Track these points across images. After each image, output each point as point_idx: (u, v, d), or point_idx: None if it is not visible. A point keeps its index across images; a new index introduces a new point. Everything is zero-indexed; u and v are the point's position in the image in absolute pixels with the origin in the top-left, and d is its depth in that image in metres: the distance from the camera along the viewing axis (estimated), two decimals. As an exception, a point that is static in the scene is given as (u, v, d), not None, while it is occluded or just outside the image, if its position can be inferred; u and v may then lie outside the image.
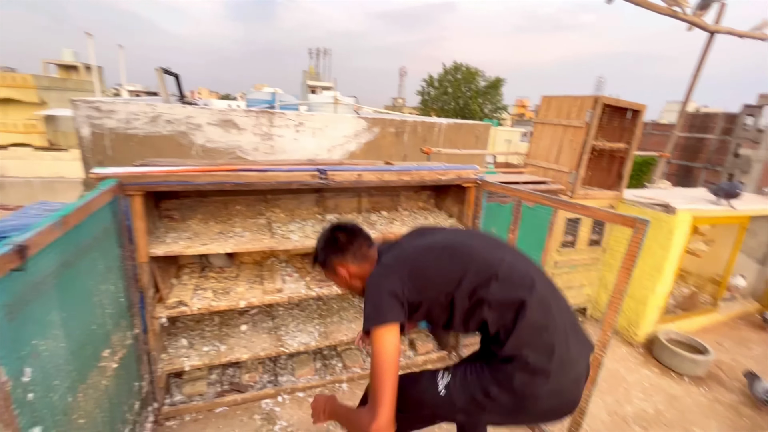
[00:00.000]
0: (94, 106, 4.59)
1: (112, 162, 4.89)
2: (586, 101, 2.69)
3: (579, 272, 3.11)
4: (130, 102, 4.99)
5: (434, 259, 1.22)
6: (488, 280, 1.14)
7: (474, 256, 1.20)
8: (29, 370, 0.96)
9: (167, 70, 8.74)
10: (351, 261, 1.32)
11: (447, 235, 1.35)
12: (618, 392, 2.48)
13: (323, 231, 1.40)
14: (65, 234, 1.11)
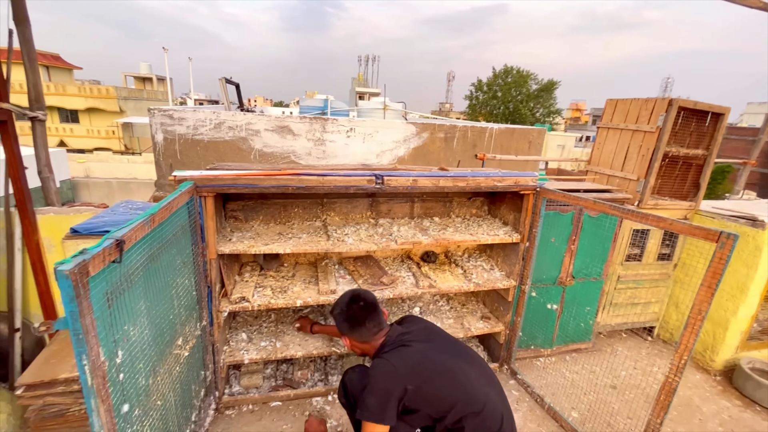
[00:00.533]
0: (167, 114, 5.02)
1: (180, 165, 5.31)
2: (658, 104, 2.50)
3: (645, 288, 2.88)
4: (197, 110, 5.40)
5: (438, 382, 1.37)
6: (474, 414, 1.34)
7: (468, 388, 1.38)
8: (121, 353, 1.06)
9: (229, 79, 9.36)
10: (356, 337, 1.55)
11: (451, 354, 1.47)
12: (691, 423, 2.25)
13: (344, 296, 1.60)
14: (152, 230, 1.22)
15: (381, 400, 1.32)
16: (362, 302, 1.55)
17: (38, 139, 2.12)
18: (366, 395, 1.34)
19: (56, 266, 0.84)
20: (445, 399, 1.35)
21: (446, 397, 1.35)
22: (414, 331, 1.53)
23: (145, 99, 26.26)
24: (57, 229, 2.12)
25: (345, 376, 1.66)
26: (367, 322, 1.51)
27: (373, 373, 1.37)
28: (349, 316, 1.53)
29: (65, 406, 1.87)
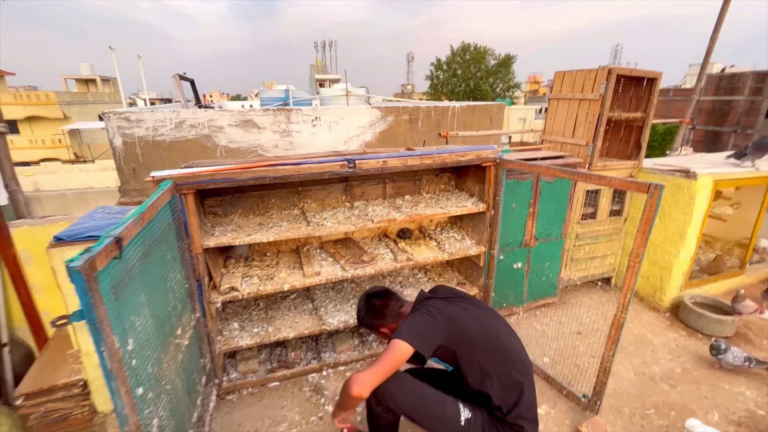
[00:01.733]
0: (123, 117, 4.86)
1: (144, 169, 5.17)
2: (599, 74, 2.73)
3: (601, 243, 3.17)
4: (155, 110, 5.24)
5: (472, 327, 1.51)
6: (503, 362, 1.49)
7: (498, 339, 1.53)
8: (131, 341, 1.15)
9: (183, 75, 8.99)
10: (389, 321, 1.67)
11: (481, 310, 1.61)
12: (645, 354, 2.57)
13: (360, 300, 1.74)
14: (143, 228, 1.30)
15: (417, 329, 1.45)
16: (375, 293, 1.72)
17: (1, 152, 2.08)
18: (405, 324, 1.48)
19: (67, 263, 0.92)
20: (472, 339, 1.48)
21: (472, 338, 1.48)
22: (440, 291, 1.68)
23: (90, 102, 24.60)
24: (33, 241, 2.11)
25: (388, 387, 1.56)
26: (390, 302, 1.68)
27: (413, 318, 1.51)
28: (373, 309, 1.68)
29: (68, 411, 1.92)
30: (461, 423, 1.45)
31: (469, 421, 1.46)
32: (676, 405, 2.15)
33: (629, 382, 2.32)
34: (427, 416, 1.47)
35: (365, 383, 1.38)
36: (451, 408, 1.48)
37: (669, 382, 2.32)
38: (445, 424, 1.45)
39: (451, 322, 1.49)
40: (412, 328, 1.45)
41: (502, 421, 1.46)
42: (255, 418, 2.05)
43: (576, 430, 1.93)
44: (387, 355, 1.40)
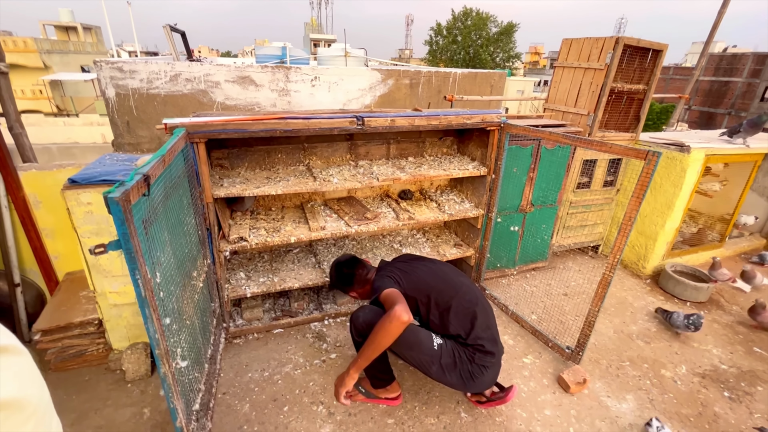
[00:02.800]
0: (117, 67, 4.70)
1: (138, 122, 5.08)
2: (607, 42, 2.74)
3: (593, 212, 3.30)
4: (149, 61, 5.06)
5: (426, 276, 1.82)
6: (454, 296, 1.74)
7: (447, 280, 1.81)
8: (159, 274, 1.22)
9: (174, 27, 8.59)
10: (357, 286, 1.95)
11: (430, 262, 1.92)
12: (625, 315, 2.76)
13: (331, 268, 2.00)
14: (165, 170, 1.34)
15: (381, 284, 1.71)
16: (344, 261, 1.97)
17: (4, 93, 2.04)
18: (373, 289, 1.76)
19: (105, 194, 0.97)
20: (427, 284, 1.77)
21: (427, 283, 1.77)
22: (399, 258, 1.98)
23: (72, 52, 23.32)
24: (42, 185, 2.12)
25: (353, 317, 1.82)
26: (358, 271, 1.94)
27: (375, 279, 1.81)
28: (343, 276, 1.94)
29: (83, 347, 2.02)
30: (434, 347, 1.68)
31: (440, 345, 1.69)
32: (649, 359, 2.35)
33: (608, 339, 2.51)
34: (405, 343, 1.65)
35: (404, 310, 1.55)
36: (426, 335, 1.70)
37: (644, 340, 2.52)
38: (421, 349, 1.67)
39: (409, 276, 1.78)
40: (384, 282, 1.70)
41: (465, 344, 1.70)
42: (261, 360, 2.18)
43: (558, 376, 2.11)
44: (384, 299, 1.64)
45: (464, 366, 1.68)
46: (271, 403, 1.92)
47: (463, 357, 1.69)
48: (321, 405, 1.92)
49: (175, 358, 1.33)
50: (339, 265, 1.97)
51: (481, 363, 1.69)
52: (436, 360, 1.67)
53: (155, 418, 1.82)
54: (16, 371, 0.45)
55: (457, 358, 1.68)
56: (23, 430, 0.43)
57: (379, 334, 1.58)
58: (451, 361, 1.68)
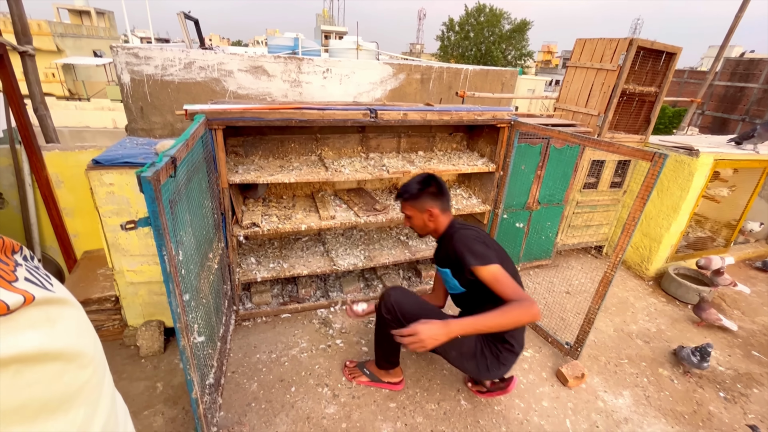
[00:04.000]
0: (132, 53, 4.77)
1: (151, 108, 5.15)
2: (620, 44, 2.75)
3: (599, 212, 3.33)
4: (164, 48, 5.12)
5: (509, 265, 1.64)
6: None
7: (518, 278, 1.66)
8: (181, 252, 1.29)
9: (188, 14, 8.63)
10: (439, 207, 1.70)
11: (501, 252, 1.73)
12: (625, 315, 2.80)
13: (421, 174, 1.73)
14: (188, 153, 1.40)
15: (486, 249, 1.54)
16: (440, 180, 1.72)
17: (30, 76, 2.11)
18: (472, 247, 1.54)
19: (138, 173, 1.03)
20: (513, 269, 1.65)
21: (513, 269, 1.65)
22: (475, 227, 1.73)
23: (85, 36, 23.44)
24: (63, 165, 2.20)
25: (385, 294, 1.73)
26: (445, 195, 1.71)
27: (468, 234, 1.61)
28: (438, 184, 1.69)
29: (100, 322, 2.11)
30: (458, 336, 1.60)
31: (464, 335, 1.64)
32: (647, 357, 2.40)
33: (608, 337, 2.55)
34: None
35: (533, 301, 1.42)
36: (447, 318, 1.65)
37: (644, 339, 2.56)
38: None
39: (499, 254, 1.62)
40: (490, 254, 1.52)
41: (495, 339, 1.67)
42: (269, 342, 2.26)
43: (557, 370, 2.17)
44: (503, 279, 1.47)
45: (484, 359, 1.67)
46: (278, 383, 1.99)
47: (486, 352, 1.67)
48: (326, 387, 1.99)
49: (193, 333, 1.40)
50: (435, 178, 1.71)
51: (503, 361, 1.69)
52: (457, 347, 1.64)
53: (167, 392, 1.90)
54: (74, 323, 0.49)
55: (478, 350, 1.67)
56: (83, 377, 0.46)
57: (506, 317, 1.40)
58: (471, 351, 1.66)
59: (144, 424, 1.74)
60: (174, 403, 1.85)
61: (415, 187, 1.70)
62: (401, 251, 2.68)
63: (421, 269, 2.88)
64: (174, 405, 1.84)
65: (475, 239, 1.59)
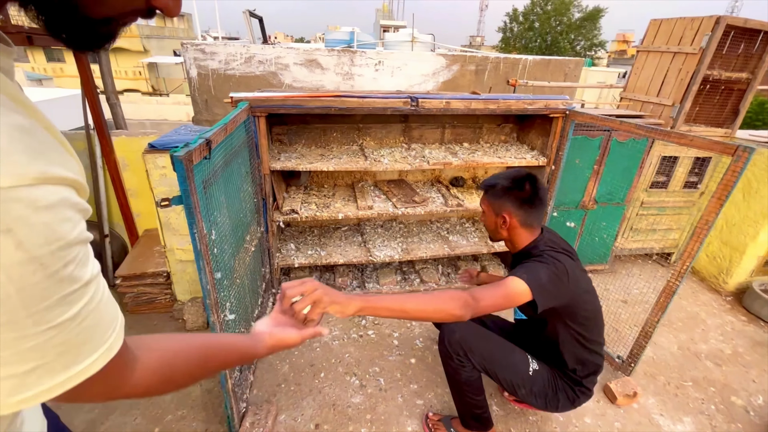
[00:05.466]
0: (199, 49, 5.09)
1: (215, 101, 5.48)
2: (704, 23, 2.40)
3: (668, 215, 2.97)
4: (228, 44, 5.43)
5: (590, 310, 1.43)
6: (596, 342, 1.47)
7: (600, 319, 1.50)
8: (214, 232, 1.34)
9: (252, 12, 9.08)
10: (521, 219, 1.37)
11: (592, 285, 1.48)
12: (694, 332, 2.47)
13: (520, 171, 1.40)
14: (226, 137, 1.45)
15: (547, 283, 1.24)
16: (537, 184, 1.37)
17: (104, 68, 2.34)
18: (537, 270, 1.25)
19: (172, 153, 1.08)
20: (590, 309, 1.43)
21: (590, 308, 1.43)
22: (557, 241, 1.43)
23: (167, 37, 25.77)
24: (128, 149, 2.41)
25: (447, 328, 1.45)
26: (537, 207, 1.37)
27: (544, 263, 1.28)
28: (525, 195, 1.36)
29: (153, 295, 2.29)
30: (529, 373, 1.44)
31: (536, 371, 1.45)
32: (717, 382, 2.10)
33: (670, 354, 2.27)
34: (499, 364, 1.42)
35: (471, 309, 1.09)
36: (521, 357, 1.46)
37: (715, 361, 2.24)
38: (515, 373, 1.43)
39: (576, 295, 1.34)
40: (540, 277, 1.23)
41: (571, 379, 1.47)
42: (304, 327, 2.30)
43: (605, 385, 1.97)
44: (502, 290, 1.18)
45: (556, 401, 1.47)
46: (308, 367, 2.03)
47: (560, 395, 1.47)
48: (354, 376, 1.99)
49: (224, 310, 1.45)
50: (533, 180, 1.37)
51: (577, 404, 1.50)
52: (528, 385, 1.44)
53: (207, 365, 2.02)
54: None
55: (550, 389, 1.46)
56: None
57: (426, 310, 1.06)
58: (542, 390, 1.46)
59: (184, 392, 1.86)
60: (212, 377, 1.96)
61: (502, 183, 1.38)
62: (440, 246, 2.60)
63: (461, 266, 2.77)
64: (212, 378, 1.94)
65: (554, 272, 1.26)
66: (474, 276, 1.93)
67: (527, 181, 1.37)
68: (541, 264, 1.28)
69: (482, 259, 2.92)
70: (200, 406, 1.80)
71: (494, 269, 2.79)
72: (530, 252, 1.38)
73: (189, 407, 1.79)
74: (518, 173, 1.39)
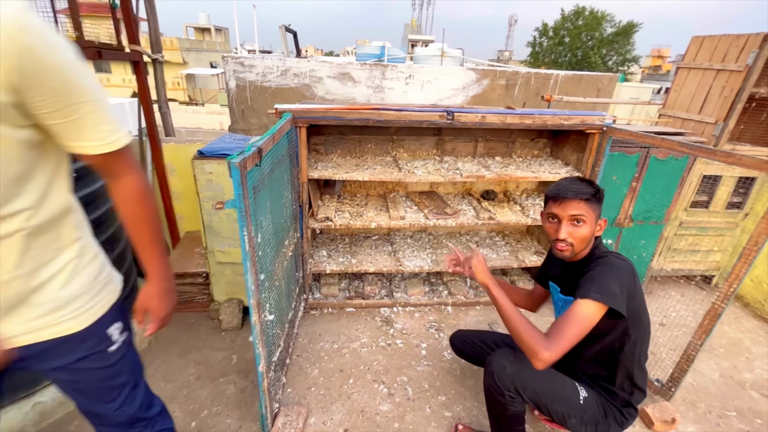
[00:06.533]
0: (239, 61, 5.35)
1: (251, 111, 5.72)
2: (751, 40, 2.35)
3: (709, 236, 2.86)
4: (265, 57, 5.68)
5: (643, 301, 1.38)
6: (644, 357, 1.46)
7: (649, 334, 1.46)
8: (260, 235, 1.41)
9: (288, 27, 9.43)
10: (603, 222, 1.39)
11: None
12: (738, 359, 2.35)
13: (579, 177, 1.42)
14: (273, 146, 1.53)
15: (621, 291, 1.23)
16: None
17: (158, 79, 2.51)
18: (607, 281, 1.23)
19: (229, 159, 1.16)
20: (648, 318, 1.41)
21: (648, 318, 1.41)
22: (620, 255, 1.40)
23: (205, 50, 27.08)
24: (176, 156, 2.56)
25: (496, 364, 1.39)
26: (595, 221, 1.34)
27: (613, 264, 1.28)
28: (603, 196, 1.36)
29: (192, 294, 2.39)
30: (580, 401, 1.40)
31: (586, 399, 1.41)
32: (764, 414, 1.98)
33: (712, 382, 2.17)
34: (550, 397, 1.37)
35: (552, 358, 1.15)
36: (571, 387, 1.43)
37: (761, 392, 2.12)
38: (567, 404, 1.39)
39: (642, 298, 1.33)
40: (611, 289, 1.21)
41: (619, 399, 1.44)
42: (333, 333, 2.35)
43: (641, 409, 1.90)
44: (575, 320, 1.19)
45: (606, 426, 1.42)
46: (338, 372, 2.06)
47: (609, 419, 1.42)
48: (382, 384, 2.00)
49: (264, 311, 1.51)
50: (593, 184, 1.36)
51: (625, 424, 1.45)
52: (579, 414, 1.39)
53: (240, 365, 2.09)
54: None
55: (600, 415, 1.41)
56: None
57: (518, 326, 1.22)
58: (593, 418, 1.40)
59: (219, 389, 1.93)
60: (245, 375, 2.02)
61: (596, 187, 1.34)
62: (470, 258, 2.60)
63: (490, 280, 2.75)
64: (245, 377, 2.01)
65: (620, 279, 1.24)
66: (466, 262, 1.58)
67: (594, 183, 1.37)
68: (607, 267, 1.26)
69: (511, 274, 2.89)
70: (234, 404, 1.86)
71: (524, 284, 2.76)
72: (593, 254, 1.38)
73: (224, 404, 1.85)
74: (582, 178, 1.38)
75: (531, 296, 1.81)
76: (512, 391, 1.34)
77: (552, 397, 1.37)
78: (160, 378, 1.99)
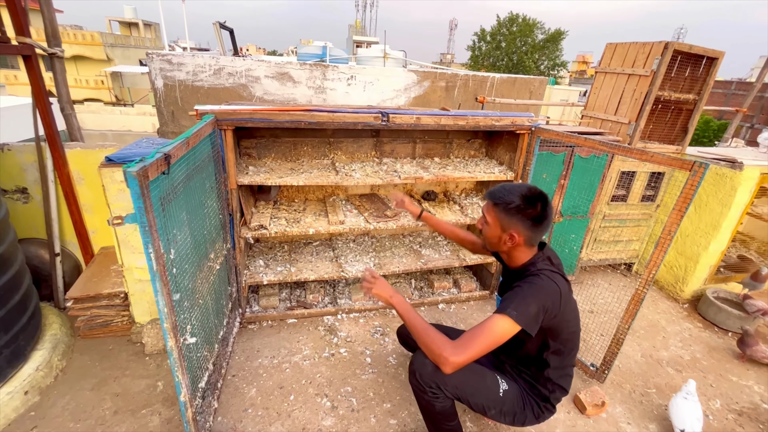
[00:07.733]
0: (166, 59, 4.96)
1: (182, 112, 5.33)
2: (654, 48, 2.57)
3: (628, 227, 3.11)
4: (196, 55, 5.31)
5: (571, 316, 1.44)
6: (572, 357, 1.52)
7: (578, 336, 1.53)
8: (173, 251, 1.27)
9: (223, 24, 8.96)
10: (527, 238, 1.35)
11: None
12: (655, 339, 2.57)
13: (533, 189, 1.36)
14: (188, 152, 1.39)
15: (537, 312, 1.27)
16: (548, 204, 1.34)
17: (58, 76, 2.21)
18: (527, 302, 1.26)
19: (125, 169, 1.02)
20: (572, 331, 1.45)
21: (572, 330, 1.45)
22: (552, 257, 1.47)
23: (132, 46, 24.96)
24: (84, 162, 2.27)
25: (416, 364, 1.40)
26: (544, 227, 1.35)
27: (540, 285, 1.30)
28: (536, 214, 1.32)
29: (109, 318, 2.14)
30: (500, 394, 1.45)
31: (506, 391, 1.46)
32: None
33: (635, 362, 2.35)
34: (470, 391, 1.42)
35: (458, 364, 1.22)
36: (491, 379, 1.47)
37: (675, 368, 2.33)
38: (487, 397, 1.43)
39: (563, 317, 1.36)
40: (528, 311, 1.25)
41: (539, 395, 1.51)
42: (273, 347, 2.22)
43: (574, 396, 2.00)
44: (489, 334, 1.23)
45: (523, 416, 1.50)
46: (278, 390, 1.94)
47: (527, 411, 1.50)
48: (325, 398, 1.92)
49: (184, 333, 1.37)
50: (543, 198, 1.34)
51: (541, 417, 1.53)
52: (498, 406, 1.45)
53: (167, 392, 1.89)
54: None
55: (518, 407, 1.48)
56: None
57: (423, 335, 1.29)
58: (511, 409, 1.47)
59: (141, 423, 1.73)
60: (172, 403, 1.83)
61: (516, 201, 1.33)
62: (413, 260, 2.59)
63: (434, 280, 2.77)
64: (172, 406, 1.82)
65: (540, 300, 1.28)
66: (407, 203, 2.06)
67: (540, 200, 1.33)
68: (534, 287, 1.30)
69: (454, 273, 2.93)
70: (158, 437, 1.67)
71: (466, 282, 2.81)
72: (527, 269, 1.39)
73: (146, 440, 1.66)
74: (531, 191, 1.35)
75: (474, 242, 2.03)
76: (434, 387, 1.37)
77: (471, 390, 1.43)
78: (68, 418, 1.74)
